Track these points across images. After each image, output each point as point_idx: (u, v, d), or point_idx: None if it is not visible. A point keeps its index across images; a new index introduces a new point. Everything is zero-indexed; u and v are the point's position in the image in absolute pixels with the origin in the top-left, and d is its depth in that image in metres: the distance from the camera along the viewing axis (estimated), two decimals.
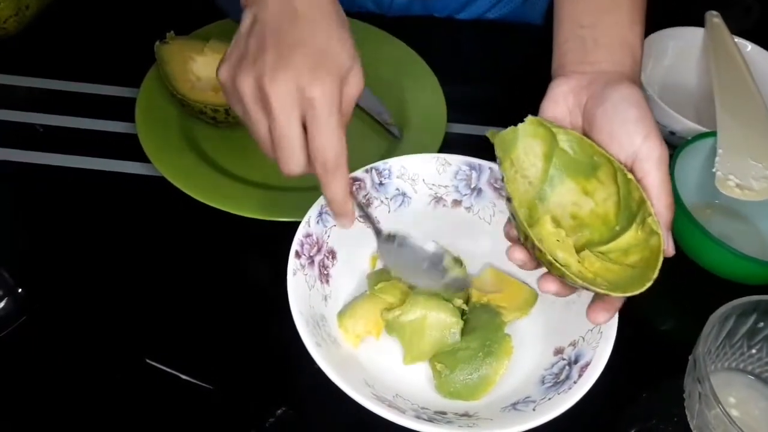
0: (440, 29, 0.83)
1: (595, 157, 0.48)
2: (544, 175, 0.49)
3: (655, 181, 0.45)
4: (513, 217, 0.46)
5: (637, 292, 0.42)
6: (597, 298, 0.46)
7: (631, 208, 0.46)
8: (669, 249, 0.45)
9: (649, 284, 0.42)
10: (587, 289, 0.43)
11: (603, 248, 0.47)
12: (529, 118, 0.49)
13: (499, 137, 0.48)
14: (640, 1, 0.55)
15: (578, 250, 0.47)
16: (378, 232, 0.53)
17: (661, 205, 0.45)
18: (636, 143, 0.46)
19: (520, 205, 0.48)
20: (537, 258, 0.45)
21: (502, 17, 0.86)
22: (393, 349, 0.53)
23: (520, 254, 0.47)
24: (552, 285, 0.46)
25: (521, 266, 0.47)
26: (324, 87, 0.43)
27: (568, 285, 0.45)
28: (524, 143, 0.49)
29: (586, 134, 0.49)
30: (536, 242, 0.44)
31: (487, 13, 0.86)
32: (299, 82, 0.43)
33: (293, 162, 0.45)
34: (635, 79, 0.51)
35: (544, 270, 0.46)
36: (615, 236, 0.47)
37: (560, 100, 0.50)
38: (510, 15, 0.86)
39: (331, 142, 0.44)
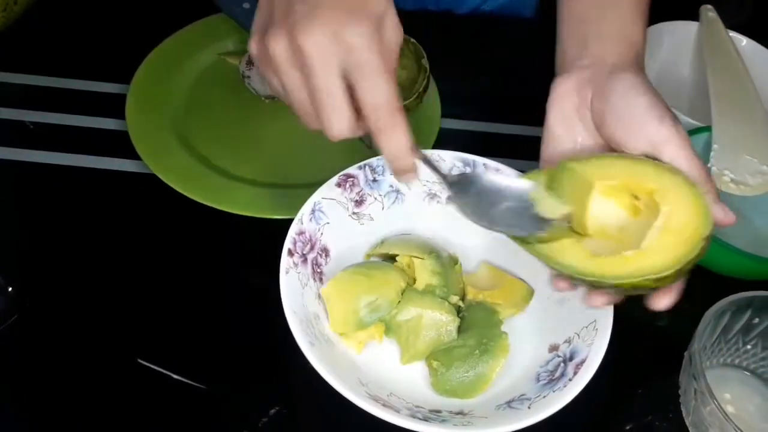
0: (432, 23, 0.83)
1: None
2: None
3: (685, 161, 0.45)
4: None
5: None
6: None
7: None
8: (727, 214, 0.44)
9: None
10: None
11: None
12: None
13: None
14: None
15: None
16: (445, 178, 0.48)
17: (702, 180, 0.44)
18: (652, 130, 0.45)
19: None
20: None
21: (498, 9, 0.86)
22: (389, 349, 0.53)
23: (563, 283, 0.48)
24: (599, 298, 0.46)
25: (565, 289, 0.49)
26: (362, 30, 0.40)
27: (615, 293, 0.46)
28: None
29: (597, 129, 0.49)
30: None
31: (483, 5, 0.85)
32: (335, 29, 0.40)
33: (340, 120, 0.41)
34: (639, 69, 0.50)
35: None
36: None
37: (565, 100, 0.50)
38: (504, 8, 0.86)
39: (380, 88, 0.41)
